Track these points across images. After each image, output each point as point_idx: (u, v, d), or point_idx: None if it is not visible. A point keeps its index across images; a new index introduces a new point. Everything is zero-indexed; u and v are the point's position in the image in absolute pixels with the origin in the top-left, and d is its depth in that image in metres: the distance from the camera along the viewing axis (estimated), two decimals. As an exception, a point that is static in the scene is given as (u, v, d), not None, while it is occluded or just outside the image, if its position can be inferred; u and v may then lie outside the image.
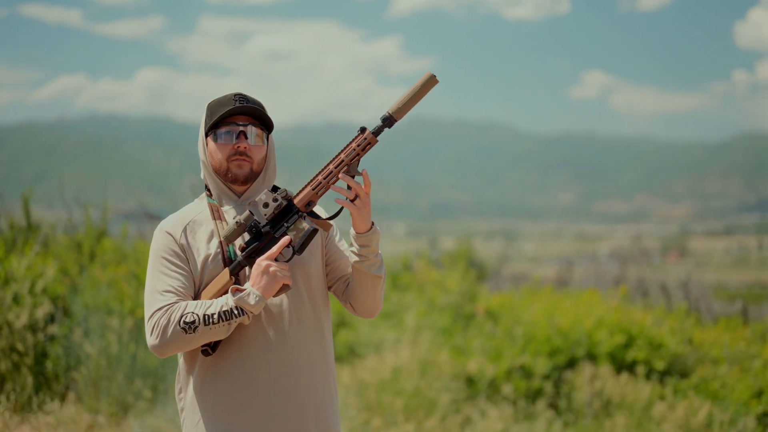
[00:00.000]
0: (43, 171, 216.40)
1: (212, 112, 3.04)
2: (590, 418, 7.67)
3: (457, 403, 7.88)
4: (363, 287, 3.05)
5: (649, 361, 8.28)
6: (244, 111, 3.02)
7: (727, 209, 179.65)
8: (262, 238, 2.95)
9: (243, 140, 3.02)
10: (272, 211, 2.94)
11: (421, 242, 49.45)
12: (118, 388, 7.73)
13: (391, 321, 9.74)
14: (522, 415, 7.73)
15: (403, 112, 2.97)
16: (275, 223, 2.96)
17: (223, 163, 3.03)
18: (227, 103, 3.02)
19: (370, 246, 2.99)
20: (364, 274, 3.02)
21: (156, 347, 2.89)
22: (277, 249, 2.90)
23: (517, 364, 8.12)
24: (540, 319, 8.78)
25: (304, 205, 2.97)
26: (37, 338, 8.06)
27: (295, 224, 2.95)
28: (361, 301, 3.09)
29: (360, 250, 2.99)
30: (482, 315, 9.45)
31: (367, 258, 3.00)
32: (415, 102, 2.96)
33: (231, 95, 3.05)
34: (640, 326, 8.56)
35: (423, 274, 11.01)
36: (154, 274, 2.98)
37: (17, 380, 7.88)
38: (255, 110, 3.03)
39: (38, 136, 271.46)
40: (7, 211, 10.94)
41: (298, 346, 3.02)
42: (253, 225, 2.93)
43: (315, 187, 2.96)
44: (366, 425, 7.62)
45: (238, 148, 3.01)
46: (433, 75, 2.96)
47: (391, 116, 2.95)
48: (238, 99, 3.03)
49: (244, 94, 3.07)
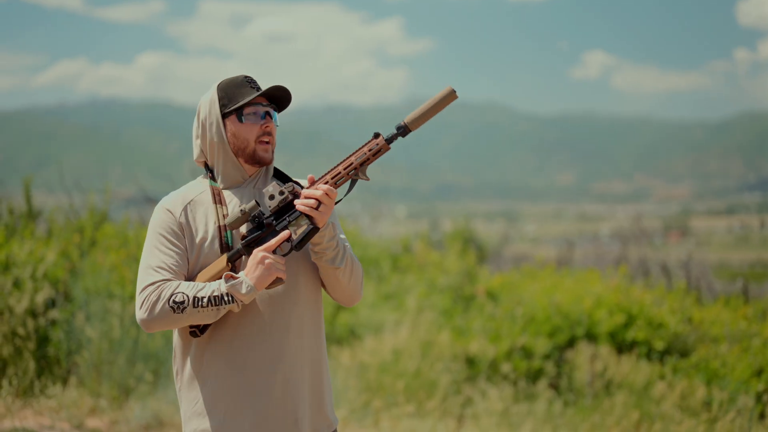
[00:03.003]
0: (43, 157, 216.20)
1: (232, 94, 3.05)
2: (590, 398, 7.69)
3: (457, 384, 7.91)
4: (329, 279, 3.07)
5: (648, 341, 8.29)
6: (271, 93, 3.06)
7: (728, 189, 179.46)
8: (264, 229, 2.96)
9: (269, 120, 3.06)
10: (277, 204, 2.95)
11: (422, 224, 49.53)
12: (119, 371, 7.75)
13: (391, 303, 9.75)
14: (522, 395, 7.76)
15: (418, 124, 3.00)
16: (278, 216, 2.97)
17: (250, 144, 3.04)
18: (243, 84, 3.05)
19: (322, 243, 2.99)
20: (326, 267, 3.03)
21: (143, 321, 2.91)
22: (276, 242, 2.92)
23: (517, 344, 8.14)
24: (540, 299, 8.80)
25: None
26: (38, 323, 8.08)
27: (297, 220, 2.96)
28: (332, 291, 3.12)
29: (317, 247, 3.00)
30: (482, 296, 9.46)
31: (323, 254, 3.00)
32: (432, 114, 2.99)
33: (242, 77, 3.08)
34: (639, 306, 8.58)
35: (422, 255, 11.03)
36: (150, 250, 2.99)
37: (19, 365, 7.90)
38: (281, 90, 3.07)
39: (38, 122, 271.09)
40: (8, 197, 10.96)
41: (293, 331, 3.03)
42: (257, 215, 2.95)
43: None
44: (366, 406, 7.65)
45: (266, 128, 3.05)
46: (453, 90, 2.98)
47: (407, 126, 2.98)
48: (251, 81, 3.08)
49: (252, 77, 3.11)
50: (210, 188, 3.08)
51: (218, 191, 3.07)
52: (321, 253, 3.00)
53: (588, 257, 20.22)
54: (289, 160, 36.22)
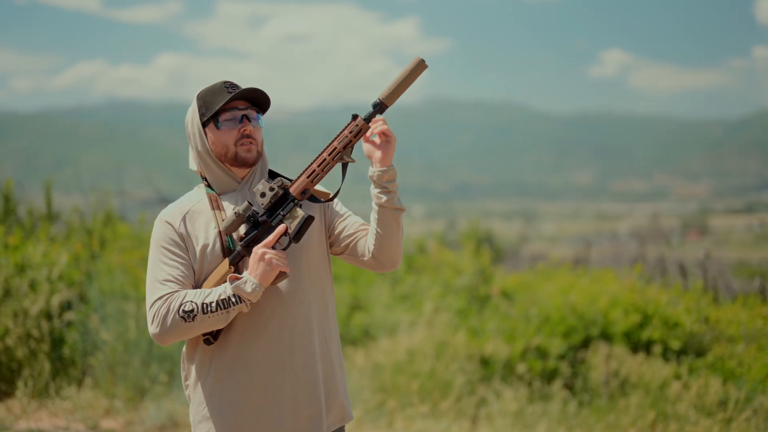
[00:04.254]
0: (62, 158, 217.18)
1: (209, 102, 3.06)
2: (605, 398, 7.66)
3: (472, 385, 7.89)
4: (389, 229, 3.02)
5: (664, 341, 8.25)
6: (245, 95, 3.06)
7: (746, 187, 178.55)
8: (260, 227, 2.98)
9: (247, 124, 3.05)
10: (269, 200, 2.97)
11: (439, 224, 49.47)
12: (134, 372, 7.78)
13: (406, 303, 9.74)
14: (537, 396, 7.74)
15: (393, 98, 3.00)
16: (272, 212, 2.99)
17: (230, 149, 3.05)
18: (221, 90, 3.05)
19: (395, 179, 3.01)
20: (390, 212, 3.00)
21: (157, 336, 2.94)
22: (273, 237, 2.93)
23: (532, 344, 8.12)
24: (555, 299, 8.77)
25: (299, 193, 3.01)
26: (53, 325, 8.12)
27: (291, 212, 2.98)
28: (386, 246, 3.05)
29: (389, 186, 3.00)
30: (497, 296, 9.44)
31: (394, 192, 3.00)
32: (405, 87, 2.98)
33: (221, 83, 3.08)
34: (655, 305, 8.53)
35: (437, 255, 11.01)
36: (154, 264, 3.01)
37: (34, 366, 7.94)
38: (255, 92, 3.06)
39: (57, 124, 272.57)
40: (27, 199, 11.03)
41: (299, 331, 3.04)
42: (251, 215, 2.97)
43: (310, 175, 3.00)
44: (381, 407, 7.65)
45: (244, 131, 3.05)
46: (422, 60, 2.98)
47: (382, 102, 2.99)
48: (230, 86, 3.07)
49: (232, 81, 3.11)
50: (207, 195, 3.09)
51: (215, 197, 3.08)
52: (392, 192, 3.00)
53: (605, 256, 20.14)
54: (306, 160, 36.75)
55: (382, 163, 2.99)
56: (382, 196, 2.99)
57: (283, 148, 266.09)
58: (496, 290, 9.49)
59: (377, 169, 2.99)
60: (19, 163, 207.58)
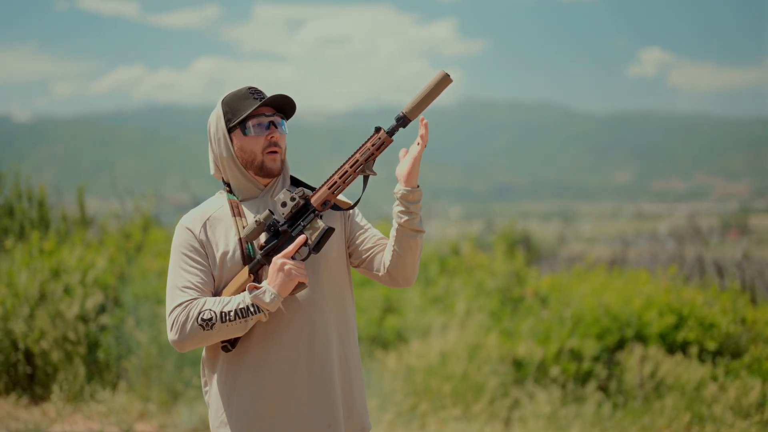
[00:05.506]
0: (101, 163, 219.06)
1: (235, 108, 3.05)
2: (640, 400, 7.60)
3: (505, 387, 7.85)
4: (407, 248, 3.02)
5: (700, 342, 8.16)
6: (273, 102, 3.06)
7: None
8: (280, 237, 2.99)
9: (274, 130, 3.05)
10: (290, 210, 2.98)
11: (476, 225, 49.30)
12: (168, 376, 7.82)
13: (438, 306, 9.71)
14: (571, 398, 7.69)
15: (417, 112, 2.97)
16: (293, 222, 2.99)
17: (257, 157, 3.05)
18: (246, 96, 3.05)
19: (419, 201, 2.99)
20: (409, 232, 3.00)
21: (175, 342, 2.95)
22: (293, 248, 2.93)
23: (566, 346, 8.06)
24: (589, 300, 8.70)
25: (320, 204, 3.00)
26: (88, 328, 8.19)
27: (311, 223, 2.98)
28: (401, 264, 3.05)
29: (411, 207, 2.99)
30: (531, 298, 9.38)
31: (416, 214, 2.99)
32: (429, 102, 2.96)
33: (245, 89, 3.09)
34: (690, 306, 8.44)
35: (471, 257, 10.98)
36: (174, 270, 3.02)
37: (69, 370, 8.01)
38: (283, 98, 3.06)
39: (97, 128, 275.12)
40: (62, 204, 11.14)
41: (319, 339, 3.04)
42: (272, 224, 2.97)
43: (331, 187, 3.00)
44: (413, 410, 7.63)
45: (271, 138, 3.04)
46: (447, 74, 2.95)
47: (405, 116, 2.97)
48: (255, 92, 3.07)
49: (257, 87, 3.11)
50: (228, 202, 3.08)
51: (237, 204, 3.08)
52: (415, 213, 2.99)
53: (644, 257, 19.97)
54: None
55: (407, 182, 2.98)
56: (404, 216, 2.99)
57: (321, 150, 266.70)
58: (530, 292, 9.43)
59: (404, 188, 2.98)
60: (59, 169, 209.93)
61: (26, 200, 10.33)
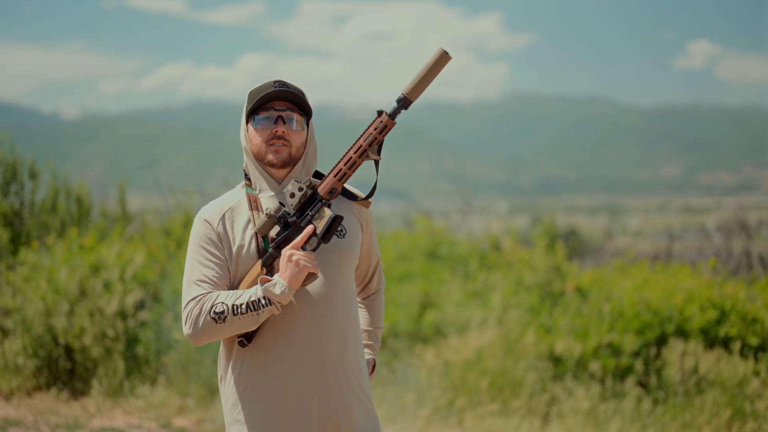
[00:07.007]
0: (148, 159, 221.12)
1: (251, 99, 3.05)
2: (681, 396, 7.50)
3: (543, 382, 7.79)
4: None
5: (742, 337, 8.04)
6: (282, 96, 3.02)
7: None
8: (290, 229, 2.96)
9: (281, 125, 3.02)
10: (298, 201, 2.95)
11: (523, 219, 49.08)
12: (206, 371, 7.86)
13: (477, 301, 9.67)
14: (610, 394, 7.61)
15: (417, 92, 2.95)
16: (301, 213, 2.97)
17: (261, 148, 3.04)
18: (267, 89, 3.03)
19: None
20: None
21: (190, 336, 2.95)
22: (301, 238, 2.90)
23: (605, 341, 7.98)
24: (630, 295, 8.60)
25: (327, 192, 2.97)
26: (127, 324, 8.25)
27: (318, 212, 2.95)
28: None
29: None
30: (572, 293, 9.30)
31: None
32: (429, 81, 2.94)
33: (271, 82, 3.05)
34: (732, 301, 8.31)
35: (511, 252, 10.90)
36: (191, 263, 3.01)
37: (109, 365, 8.08)
38: (293, 95, 3.03)
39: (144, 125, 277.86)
40: (109, 200, 11.25)
41: (334, 337, 3.01)
42: (282, 216, 2.95)
43: (336, 174, 2.97)
44: (451, 405, 7.60)
45: (276, 132, 3.02)
46: (445, 51, 2.92)
47: (406, 97, 2.94)
48: (278, 85, 3.03)
49: (285, 81, 3.07)
50: (246, 195, 3.07)
51: (254, 197, 3.06)
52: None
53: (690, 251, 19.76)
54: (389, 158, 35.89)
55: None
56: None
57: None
58: (571, 287, 9.34)
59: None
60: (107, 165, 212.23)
61: (64, 197, 10.42)
